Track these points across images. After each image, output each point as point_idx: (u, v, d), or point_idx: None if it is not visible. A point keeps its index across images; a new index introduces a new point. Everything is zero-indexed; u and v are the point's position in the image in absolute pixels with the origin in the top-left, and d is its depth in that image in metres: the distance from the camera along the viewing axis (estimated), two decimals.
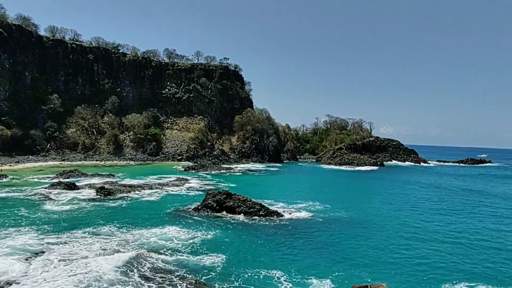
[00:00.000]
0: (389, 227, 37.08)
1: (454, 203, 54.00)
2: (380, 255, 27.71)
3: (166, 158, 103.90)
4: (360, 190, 64.73)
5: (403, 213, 44.57)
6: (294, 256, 26.69)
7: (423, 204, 51.96)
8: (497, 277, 24.37)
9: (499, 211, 48.97)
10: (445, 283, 22.69)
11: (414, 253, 28.56)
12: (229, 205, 39.09)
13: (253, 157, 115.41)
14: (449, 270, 25.23)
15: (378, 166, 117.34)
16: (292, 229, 34.17)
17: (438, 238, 33.48)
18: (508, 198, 61.63)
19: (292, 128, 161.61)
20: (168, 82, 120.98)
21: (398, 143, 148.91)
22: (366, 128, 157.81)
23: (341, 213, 42.09)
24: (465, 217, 44.19)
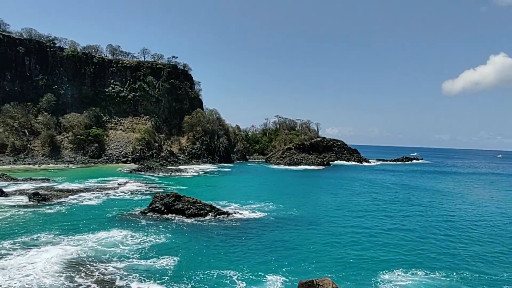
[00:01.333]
0: (336, 223, 39.02)
1: (392, 198, 58.61)
2: (327, 250, 28.99)
3: (109, 161, 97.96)
4: (310, 189, 67.16)
5: (348, 209, 47.19)
6: (246, 255, 26.79)
7: (365, 200, 55.56)
8: (427, 262, 26.93)
9: (430, 203, 54.19)
10: (383, 271, 24.47)
11: (356, 247, 30.39)
12: (178, 208, 37.97)
13: (204, 158, 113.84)
14: (387, 259, 27.30)
15: (325, 166, 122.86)
16: (245, 229, 34.29)
17: (377, 231, 36.06)
18: (437, 192, 68.50)
19: (242, 129, 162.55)
20: (112, 80, 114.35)
21: (343, 143, 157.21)
22: (313, 128, 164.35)
23: (292, 212, 43.26)
24: (401, 210, 48.19)
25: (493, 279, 24.01)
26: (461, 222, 41.89)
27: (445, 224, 40.52)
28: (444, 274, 24.35)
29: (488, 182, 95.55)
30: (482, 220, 43.57)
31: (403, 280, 23.10)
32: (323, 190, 64.86)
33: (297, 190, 63.96)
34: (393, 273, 24.09)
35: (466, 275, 24.46)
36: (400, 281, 22.93)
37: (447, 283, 22.98)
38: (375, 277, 23.35)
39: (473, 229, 38.33)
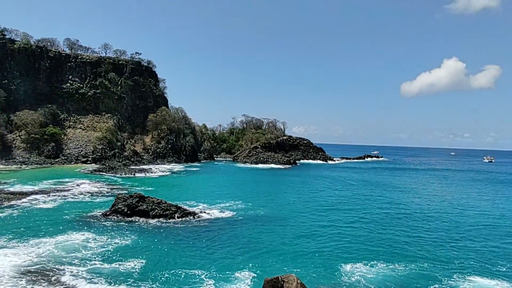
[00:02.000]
0: (301, 219, 39.99)
1: (354, 193, 61.05)
2: (293, 246, 29.64)
3: (68, 161, 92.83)
4: (277, 187, 68.07)
5: (313, 206, 48.52)
6: (214, 254, 26.70)
7: (330, 196, 57.41)
8: (387, 253, 28.42)
9: (390, 198, 57.10)
10: (346, 263, 25.54)
11: (321, 241, 31.41)
12: (143, 209, 36.84)
13: (169, 157, 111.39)
14: (350, 252, 28.52)
15: (292, 164, 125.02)
16: (213, 228, 34.12)
17: (340, 225, 37.50)
18: (397, 187, 72.35)
19: (209, 128, 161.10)
20: (70, 76, 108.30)
21: (309, 141, 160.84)
22: (280, 127, 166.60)
23: (260, 210, 43.66)
24: (363, 204, 50.36)
25: (447, 265, 25.84)
26: (418, 214, 44.58)
27: (403, 217, 42.95)
28: (403, 264, 25.82)
29: (442, 177, 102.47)
30: (437, 212, 46.64)
31: (365, 271, 24.20)
32: (289, 188, 66.03)
33: (264, 189, 64.57)
34: (355, 265, 25.20)
35: (423, 263, 26.12)
36: (361, 272, 23.99)
37: (407, 272, 24.39)
38: (338, 270, 24.26)
39: (429, 221, 40.95)
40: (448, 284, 22.54)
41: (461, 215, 45.67)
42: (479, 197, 63.37)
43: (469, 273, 24.64)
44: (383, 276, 23.50)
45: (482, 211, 49.04)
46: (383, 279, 23.08)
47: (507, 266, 26.40)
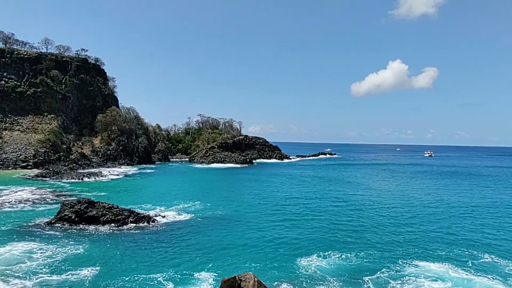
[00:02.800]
0: (258, 217, 40.59)
1: (309, 189, 63.24)
2: (251, 244, 30.04)
3: (4, 166, 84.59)
4: (234, 187, 68.13)
5: (270, 203, 49.44)
6: (173, 257, 26.17)
7: (285, 194, 58.82)
8: (340, 244, 29.96)
9: (343, 192, 60.00)
10: (302, 257, 26.59)
11: (277, 237, 32.22)
12: (92, 215, 34.80)
13: (121, 159, 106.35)
14: (305, 246, 29.65)
15: (248, 164, 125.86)
16: (171, 231, 33.36)
17: (296, 221, 38.75)
18: (349, 182, 76.18)
19: (164, 128, 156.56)
20: (5, 73, 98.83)
21: (265, 140, 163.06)
22: (236, 127, 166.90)
23: (218, 210, 43.51)
24: (317, 199, 52.39)
25: (393, 252, 27.89)
26: (367, 206, 47.39)
27: (354, 209, 45.47)
28: (354, 253, 27.49)
29: (389, 171, 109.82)
30: (384, 203, 49.96)
31: (319, 262, 25.36)
32: (246, 187, 66.51)
33: (222, 188, 64.36)
34: (310, 258, 26.34)
35: (373, 251, 27.99)
36: (316, 264, 25.12)
37: (358, 260, 26.00)
38: (295, 264, 25.13)
39: (377, 212, 43.74)
40: (394, 269, 24.39)
41: (405, 205, 49.42)
42: (420, 188, 69.00)
43: (412, 257, 26.86)
44: (336, 266, 24.80)
45: (422, 200, 53.49)
46: (337, 268, 24.37)
47: (446, 250, 29.14)
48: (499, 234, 34.75)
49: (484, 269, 24.55)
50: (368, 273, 23.48)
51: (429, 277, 23.20)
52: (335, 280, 22.29)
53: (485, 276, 23.24)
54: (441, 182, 79.69)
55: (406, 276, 23.29)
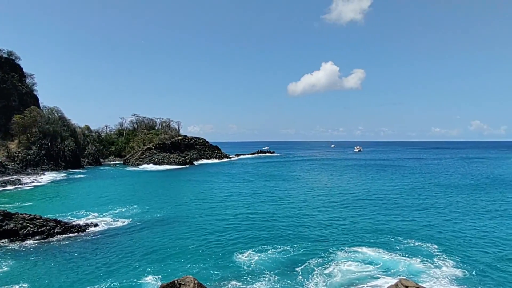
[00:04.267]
0: (197, 218, 40.07)
1: (249, 187, 64.10)
2: (192, 246, 29.57)
3: None
4: (173, 189, 66.03)
5: (209, 203, 49.10)
6: (110, 266, 24.64)
7: (225, 193, 58.84)
8: (276, 239, 31.00)
9: (283, 188, 61.93)
10: (240, 253, 27.07)
11: (215, 236, 32.34)
12: (10, 228, 30.98)
13: (44, 165, 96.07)
14: (243, 242, 30.20)
15: (188, 164, 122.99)
16: (106, 239, 31.23)
17: (235, 218, 39.15)
18: (288, 178, 78.89)
19: (94, 130, 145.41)
20: None
21: (204, 140, 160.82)
22: (174, 127, 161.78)
23: (157, 213, 41.95)
24: (256, 196, 53.38)
25: (326, 242, 29.68)
26: (302, 200, 49.65)
27: (290, 203, 47.29)
28: (289, 245, 28.67)
29: (324, 165, 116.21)
30: (318, 196, 52.81)
31: (257, 258, 25.96)
32: (186, 188, 65.02)
33: (160, 191, 61.94)
34: (249, 254, 26.87)
35: (307, 242, 29.48)
36: (255, 259, 25.74)
37: (294, 252, 27.22)
38: (234, 262, 25.43)
39: (312, 205, 46.07)
40: (325, 256, 26.06)
41: (337, 197, 52.88)
42: (351, 180, 74.39)
43: (343, 245, 28.90)
44: (274, 260, 25.62)
45: (352, 192, 57.75)
46: (274, 262, 25.21)
47: (373, 236, 31.83)
48: (419, 220, 39.06)
49: (407, 252, 27.39)
50: (301, 263, 24.76)
51: (359, 260, 25.23)
52: (272, 273, 23.07)
53: (408, 257, 25.98)
54: (368, 175, 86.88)
55: (336, 261, 25.09)
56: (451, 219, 38.47)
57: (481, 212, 41.96)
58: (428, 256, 26.14)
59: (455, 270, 23.66)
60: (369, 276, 22.73)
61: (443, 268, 23.91)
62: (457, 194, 55.15)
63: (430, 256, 26.30)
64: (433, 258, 25.73)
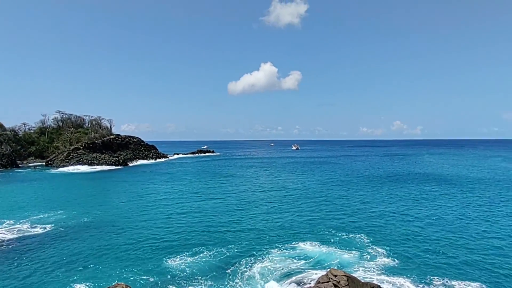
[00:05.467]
0: (129, 222, 37.82)
1: (187, 188, 62.52)
2: (123, 251, 27.83)
3: None
4: (104, 192, 61.35)
5: (142, 206, 46.72)
6: (28, 278, 21.78)
7: (159, 195, 56.51)
8: (210, 241, 30.65)
9: (219, 188, 61.48)
10: (172, 257, 26.20)
11: (147, 240, 30.85)
12: None
13: None
14: (176, 246, 29.22)
15: (122, 165, 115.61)
16: (23, 249, 27.57)
17: (167, 221, 37.84)
18: (228, 178, 78.65)
19: (9, 128, 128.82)
20: None
21: (139, 139, 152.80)
22: (106, 125, 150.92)
23: (85, 218, 38.80)
24: (193, 196, 52.24)
25: (259, 240, 30.16)
26: (243, 200, 49.95)
27: (231, 204, 47.16)
28: (223, 249, 28.20)
29: (263, 164, 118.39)
30: (259, 195, 53.54)
31: (189, 260, 25.34)
32: (118, 191, 60.97)
33: (89, 194, 57.09)
34: (182, 258, 25.99)
35: (241, 243, 29.61)
36: (186, 262, 25.03)
37: (225, 256, 26.82)
38: (166, 265, 24.45)
39: (252, 205, 46.55)
40: (263, 255, 26.38)
41: (275, 194, 54.30)
42: (289, 177, 76.96)
43: (279, 241, 29.64)
44: (207, 262, 25.13)
45: (289, 189, 59.78)
46: (207, 264, 24.74)
47: (309, 231, 33.17)
48: (351, 213, 41.80)
49: (341, 244, 29.08)
50: (236, 264, 24.55)
51: (293, 256, 26.05)
52: (205, 277, 22.49)
53: (341, 249, 27.62)
54: (305, 171, 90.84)
55: (271, 258, 25.58)
56: (377, 211, 41.92)
57: (403, 202, 46.49)
58: (359, 247, 28.10)
59: (383, 257, 25.78)
60: (303, 269, 23.58)
61: (372, 257, 25.88)
62: (381, 187, 60.38)
63: (361, 246, 28.31)
64: (363, 248, 27.74)
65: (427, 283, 21.19)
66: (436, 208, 42.76)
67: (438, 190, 56.58)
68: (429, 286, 20.85)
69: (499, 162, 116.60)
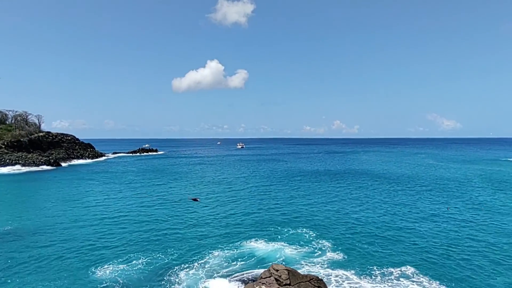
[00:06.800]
0: (58, 229, 34.57)
1: (125, 189, 59.16)
2: (44, 262, 25.24)
3: None
4: (30, 195, 55.23)
5: (71, 212, 43.03)
6: None
7: (95, 198, 52.73)
8: (144, 247, 29.32)
9: (162, 190, 59.20)
10: (100, 265, 24.63)
11: (77, 247, 28.48)
12: None
13: None
14: (110, 254, 27.48)
15: (53, 165, 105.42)
16: None
17: (101, 225, 35.44)
18: (176, 177, 76.05)
19: None
20: None
21: (74, 137, 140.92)
22: (33, 122, 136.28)
23: (7, 226, 34.37)
24: (133, 198, 49.60)
25: (198, 241, 29.58)
26: (188, 201, 48.57)
27: (173, 206, 45.58)
28: (161, 254, 26.73)
29: (211, 163, 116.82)
30: (205, 195, 52.58)
31: (120, 269, 23.57)
32: (47, 194, 55.45)
33: (12, 199, 50.98)
34: (112, 265, 24.18)
35: (183, 247, 28.69)
36: (118, 270, 23.29)
37: (164, 262, 25.76)
38: (94, 276, 22.56)
39: (199, 205, 45.51)
40: (203, 257, 25.84)
41: (220, 193, 53.79)
42: (233, 174, 76.96)
43: (224, 242, 29.30)
44: (143, 268, 23.80)
45: (234, 186, 59.79)
46: (144, 270, 23.45)
47: (255, 229, 33.34)
48: (295, 208, 42.99)
49: (286, 240, 29.67)
50: (175, 270, 23.51)
51: (238, 255, 25.89)
52: (139, 284, 21.25)
53: (288, 245, 28.19)
54: (249, 169, 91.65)
55: (216, 258, 25.15)
56: (321, 206, 43.73)
57: (344, 198, 49.19)
58: (305, 242, 28.98)
59: (329, 251, 26.84)
60: (248, 267, 23.55)
61: (318, 251, 26.81)
62: (323, 183, 63.31)
63: (307, 241, 29.23)
64: (309, 243, 28.65)
65: (368, 274, 22.51)
66: (373, 203, 45.99)
67: (373, 185, 61.00)
68: (371, 276, 22.19)
69: (423, 159, 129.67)
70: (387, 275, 22.34)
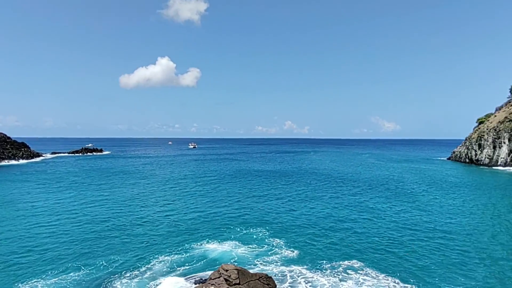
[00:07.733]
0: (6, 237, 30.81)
1: (61, 193, 54.70)
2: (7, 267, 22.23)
3: None
4: None
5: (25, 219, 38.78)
6: None
7: (28, 204, 48.10)
8: (91, 252, 27.42)
9: (107, 192, 55.70)
10: (57, 271, 22.42)
11: (16, 256, 25.71)
12: None
13: None
14: (61, 256, 25.15)
15: None
16: None
17: (43, 232, 32.38)
18: (123, 178, 71.82)
19: None
20: None
21: (5, 136, 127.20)
22: None
23: None
24: (77, 203, 46.04)
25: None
26: (139, 202, 46.21)
27: (121, 207, 43.04)
28: (105, 262, 25.42)
29: (162, 163, 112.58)
30: (158, 197, 50.42)
31: (51, 282, 21.35)
32: None
33: None
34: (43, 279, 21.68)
35: (129, 252, 27.16)
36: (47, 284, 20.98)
37: (106, 269, 24.34)
38: (48, 277, 20.60)
39: (152, 207, 43.43)
40: (151, 260, 24.77)
41: (175, 194, 52.02)
42: (184, 175, 75.04)
43: (177, 244, 28.27)
44: (76, 281, 22.12)
45: (184, 187, 58.28)
46: (77, 283, 21.84)
47: (209, 230, 32.59)
48: (249, 208, 42.87)
49: (240, 240, 29.38)
50: (120, 274, 22.27)
51: (192, 256, 25.08)
52: None
53: (243, 244, 27.93)
54: (201, 169, 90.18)
55: (166, 261, 24.15)
56: (273, 204, 44.21)
57: (295, 196, 50.28)
58: (259, 241, 28.98)
59: (283, 249, 27.02)
60: (200, 269, 22.93)
61: (272, 249, 26.86)
62: (275, 182, 64.29)
63: (261, 240, 29.25)
64: (263, 242, 28.68)
65: (319, 268, 23.18)
66: (322, 201, 47.69)
67: (321, 184, 63.43)
68: (321, 270, 22.86)
69: (367, 158, 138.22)
70: (336, 268, 23.21)
